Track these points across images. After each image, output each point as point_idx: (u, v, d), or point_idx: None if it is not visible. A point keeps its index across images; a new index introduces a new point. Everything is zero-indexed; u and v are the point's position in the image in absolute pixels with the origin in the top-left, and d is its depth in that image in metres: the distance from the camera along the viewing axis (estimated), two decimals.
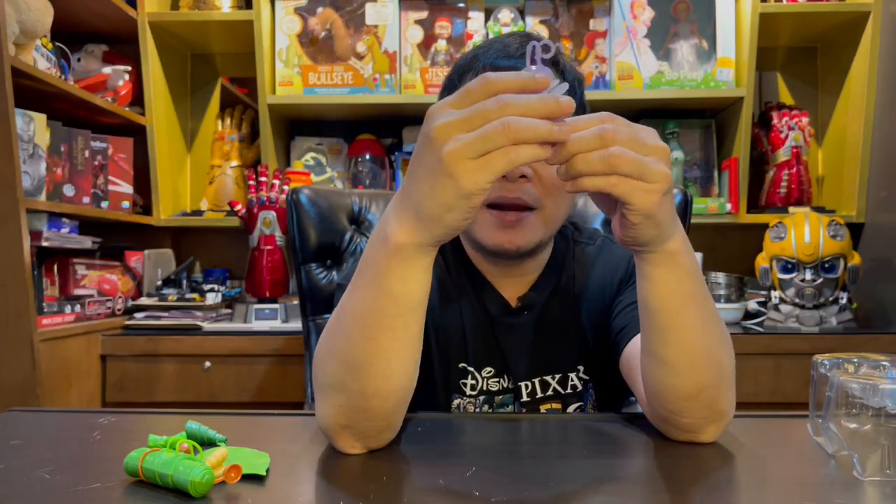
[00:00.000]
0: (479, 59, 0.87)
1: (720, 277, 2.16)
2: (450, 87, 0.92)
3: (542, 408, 0.91)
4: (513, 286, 0.93)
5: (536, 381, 0.91)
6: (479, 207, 0.57)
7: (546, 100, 0.52)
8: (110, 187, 2.06)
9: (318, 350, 0.69)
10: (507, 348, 0.91)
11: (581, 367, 0.93)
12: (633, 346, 0.82)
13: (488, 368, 0.91)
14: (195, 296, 2.04)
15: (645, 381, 0.71)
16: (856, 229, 2.21)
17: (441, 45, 2.28)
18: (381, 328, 0.62)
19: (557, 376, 0.92)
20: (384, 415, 0.66)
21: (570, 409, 0.92)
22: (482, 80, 0.54)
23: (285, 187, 2.10)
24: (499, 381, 0.91)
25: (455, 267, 0.94)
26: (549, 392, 0.92)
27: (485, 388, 0.91)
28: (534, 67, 0.57)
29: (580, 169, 0.54)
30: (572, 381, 0.92)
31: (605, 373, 0.93)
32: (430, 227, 0.57)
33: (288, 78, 2.28)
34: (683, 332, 0.65)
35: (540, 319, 0.92)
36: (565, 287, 0.94)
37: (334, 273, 1.29)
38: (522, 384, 0.91)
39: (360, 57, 2.28)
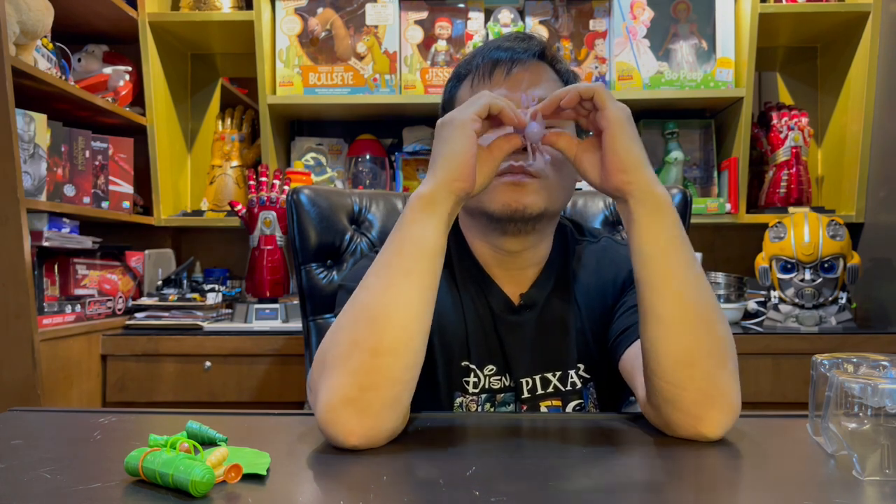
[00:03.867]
0: (478, 56, 0.92)
1: (720, 277, 2.16)
2: (450, 89, 0.96)
3: (543, 405, 0.92)
4: (515, 283, 0.94)
5: (537, 378, 0.92)
6: (476, 142, 0.70)
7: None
8: (111, 187, 2.06)
9: (330, 330, 0.72)
10: (508, 346, 0.92)
11: (581, 366, 0.93)
12: (635, 348, 0.83)
13: (490, 366, 0.92)
14: (195, 296, 2.04)
15: (644, 353, 0.73)
16: (855, 229, 2.21)
17: (441, 45, 2.28)
18: (401, 272, 0.70)
19: (558, 374, 0.92)
20: (393, 380, 0.67)
21: (570, 406, 0.93)
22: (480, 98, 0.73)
23: (285, 187, 2.10)
24: (500, 379, 0.92)
25: (459, 266, 0.95)
26: (550, 389, 0.92)
27: (487, 385, 0.92)
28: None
29: (563, 94, 0.72)
30: (572, 378, 0.93)
31: (606, 372, 0.93)
32: (444, 167, 0.71)
33: (288, 78, 2.28)
34: (674, 283, 0.71)
35: (541, 317, 0.93)
36: (566, 284, 0.95)
37: (334, 273, 1.29)
38: (523, 381, 0.91)
39: (360, 57, 2.28)
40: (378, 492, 0.56)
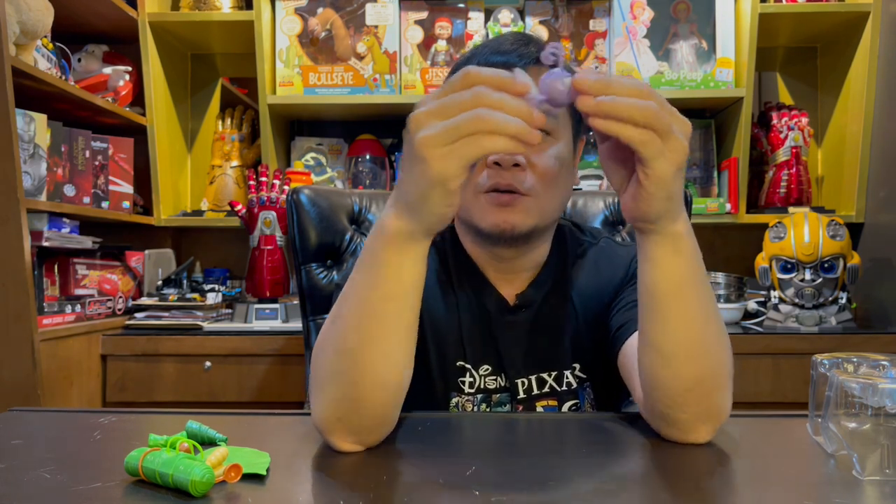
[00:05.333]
0: (475, 57, 0.89)
1: (720, 277, 2.16)
2: None
3: (539, 405, 0.92)
4: (511, 284, 0.94)
5: (533, 378, 0.92)
6: (459, 194, 0.57)
7: (520, 102, 0.53)
8: (111, 187, 2.06)
9: (317, 342, 0.70)
10: (504, 346, 0.92)
11: (577, 366, 0.93)
12: (631, 343, 0.83)
13: (485, 366, 0.92)
14: (195, 296, 2.04)
15: (642, 374, 0.71)
16: (855, 229, 2.21)
17: (441, 45, 2.28)
18: (374, 315, 0.64)
19: (553, 374, 0.92)
20: (377, 406, 0.66)
21: (566, 406, 0.92)
22: (463, 73, 0.55)
23: (285, 187, 2.10)
24: (496, 380, 0.92)
25: (454, 266, 0.94)
26: (546, 389, 0.92)
27: (482, 386, 0.92)
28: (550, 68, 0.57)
29: (619, 112, 0.54)
30: (567, 378, 0.93)
31: (602, 372, 0.93)
32: (417, 215, 0.60)
33: (288, 78, 2.28)
34: (682, 320, 0.65)
35: (537, 317, 0.93)
36: (563, 285, 0.95)
37: (334, 273, 1.29)
38: (519, 381, 0.91)
39: (360, 57, 2.28)
40: (378, 492, 0.56)
